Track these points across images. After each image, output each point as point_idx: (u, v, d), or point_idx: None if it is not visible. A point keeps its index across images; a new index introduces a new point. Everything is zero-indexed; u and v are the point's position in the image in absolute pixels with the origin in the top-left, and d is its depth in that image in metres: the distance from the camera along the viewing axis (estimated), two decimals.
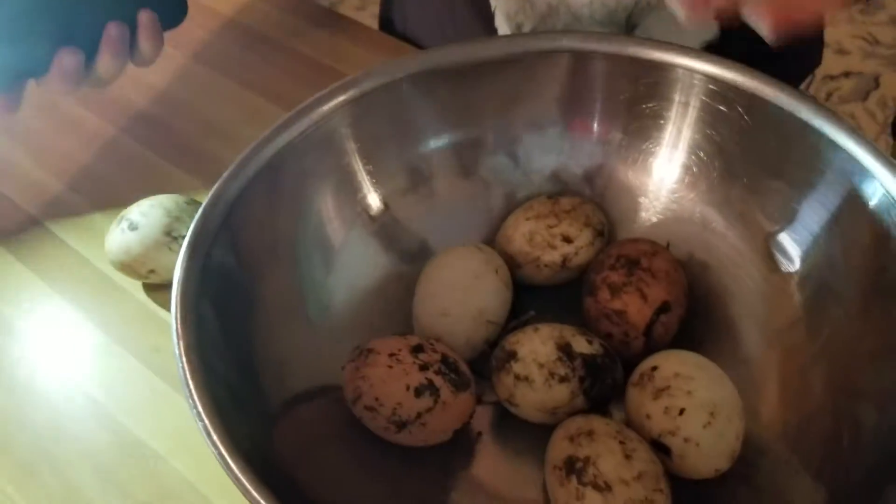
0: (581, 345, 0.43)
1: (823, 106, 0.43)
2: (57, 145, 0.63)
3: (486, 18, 0.62)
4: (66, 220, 0.58)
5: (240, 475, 0.35)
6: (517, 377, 0.42)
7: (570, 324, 0.44)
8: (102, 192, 0.59)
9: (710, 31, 0.58)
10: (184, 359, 0.38)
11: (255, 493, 0.34)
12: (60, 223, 0.58)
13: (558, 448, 0.41)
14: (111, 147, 0.63)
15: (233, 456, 0.35)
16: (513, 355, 0.43)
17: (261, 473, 0.35)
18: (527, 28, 0.59)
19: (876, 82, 1.80)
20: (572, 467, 0.39)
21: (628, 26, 0.59)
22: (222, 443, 0.35)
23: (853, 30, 1.85)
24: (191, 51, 0.69)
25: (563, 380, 0.42)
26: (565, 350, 0.43)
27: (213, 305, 0.41)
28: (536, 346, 0.43)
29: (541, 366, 0.42)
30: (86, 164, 0.62)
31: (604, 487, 0.38)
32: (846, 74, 1.80)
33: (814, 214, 0.44)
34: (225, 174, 0.43)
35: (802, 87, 0.71)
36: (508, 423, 0.45)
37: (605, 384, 0.43)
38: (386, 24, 0.74)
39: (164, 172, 0.60)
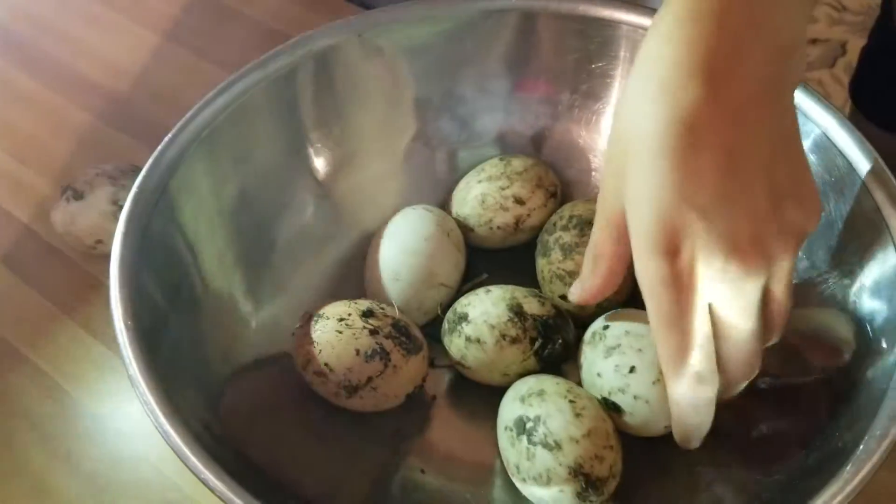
0: (533, 306, 0.43)
1: None
2: (3, 117, 0.62)
3: None
4: (10, 191, 0.57)
5: (189, 454, 0.34)
6: (468, 339, 0.42)
7: (524, 286, 0.44)
8: (47, 162, 0.58)
9: None
10: (124, 333, 0.37)
11: (208, 473, 0.34)
12: (5, 194, 0.57)
13: (509, 409, 0.41)
14: (57, 116, 0.61)
15: (181, 434, 0.34)
16: (464, 317, 0.43)
17: (211, 450, 0.34)
18: None
19: (843, 49, 1.81)
20: (523, 427, 0.39)
21: None
22: (169, 422, 0.35)
23: None
24: (141, 19, 0.68)
25: (514, 341, 0.42)
26: (517, 311, 0.42)
27: (155, 275, 0.40)
28: (488, 307, 0.42)
29: (492, 327, 0.42)
30: (30, 133, 0.61)
31: (553, 446, 0.38)
32: (813, 41, 1.80)
33: None
34: (165, 138, 0.42)
35: None
36: (462, 387, 0.45)
37: (556, 345, 0.42)
38: None
39: (109, 141, 0.59)
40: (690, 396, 0.36)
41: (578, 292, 0.39)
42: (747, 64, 0.32)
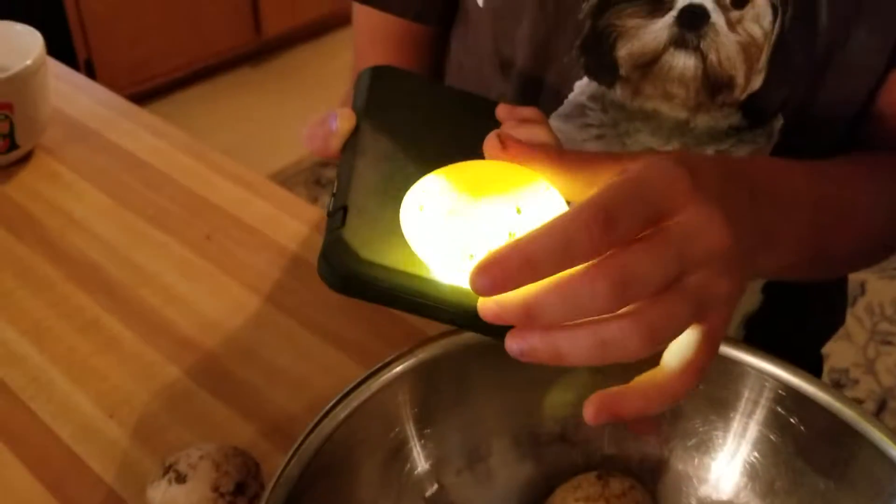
0: None
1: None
2: (94, 364, 0.63)
3: None
4: (101, 452, 0.57)
5: None
6: None
7: None
8: (141, 424, 0.59)
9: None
10: None
11: None
12: (92, 450, 0.57)
13: None
14: (147, 368, 0.63)
15: None
16: None
17: None
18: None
19: (862, 288, 1.87)
20: None
21: None
22: None
23: None
24: (247, 281, 0.70)
25: None
26: None
27: None
28: None
29: None
30: (117, 383, 0.62)
31: None
32: None
33: None
34: (285, 461, 0.43)
35: None
36: None
37: None
38: None
39: (207, 410, 0.60)
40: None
41: None
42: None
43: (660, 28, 0.55)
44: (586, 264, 0.34)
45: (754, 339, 0.66)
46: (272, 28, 2.62)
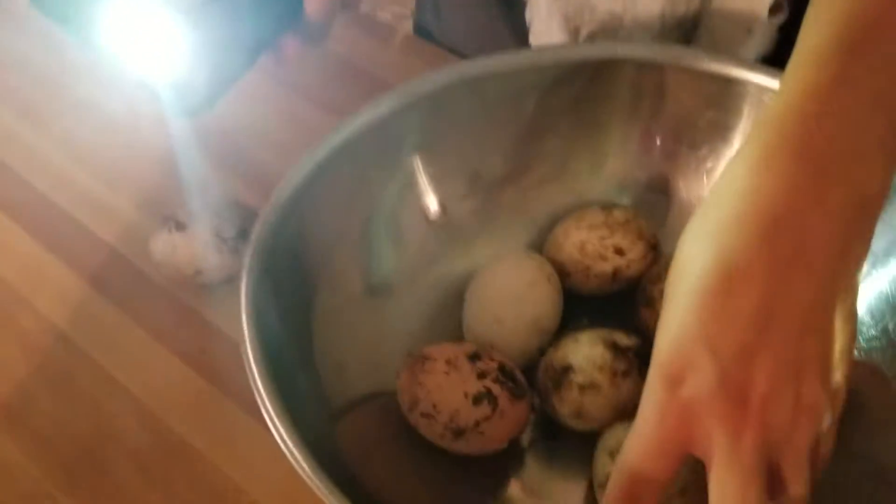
0: (623, 339, 0.43)
1: None
2: (93, 144, 0.63)
3: (521, 34, 0.62)
4: (105, 219, 0.57)
5: (308, 470, 0.35)
6: (582, 387, 0.42)
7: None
8: (144, 194, 0.59)
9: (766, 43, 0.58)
10: (251, 353, 0.37)
11: (325, 490, 0.34)
12: (100, 222, 0.57)
13: (601, 464, 0.41)
14: (151, 148, 0.62)
15: (301, 450, 0.35)
16: (569, 368, 0.43)
17: (327, 470, 0.35)
18: (584, 33, 0.59)
19: None
20: None
21: (685, 39, 0.59)
22: (289, 436, 0.35)
23: None
24: None
25: (626, 374, 0.42)
26: (614, 346, 0.43)
27: (277, 307, 0.40)
28: (586, 351, 0.43)
29: (601, 368, 0.42)
30: (117, 157, 0.61)
31: None
32: None
33: None
34: (295, 167, 0.43)
35: None
36: (552, 436, 0.45)
37: None
38: (420, 31, 0.74)
39: (207, 177, 0.59)
40: None
41: None
42: (810, 218, 0.32)
43: None
44: None
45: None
46: None
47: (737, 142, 0.47)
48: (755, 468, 0.31)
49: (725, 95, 0.47)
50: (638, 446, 0.33)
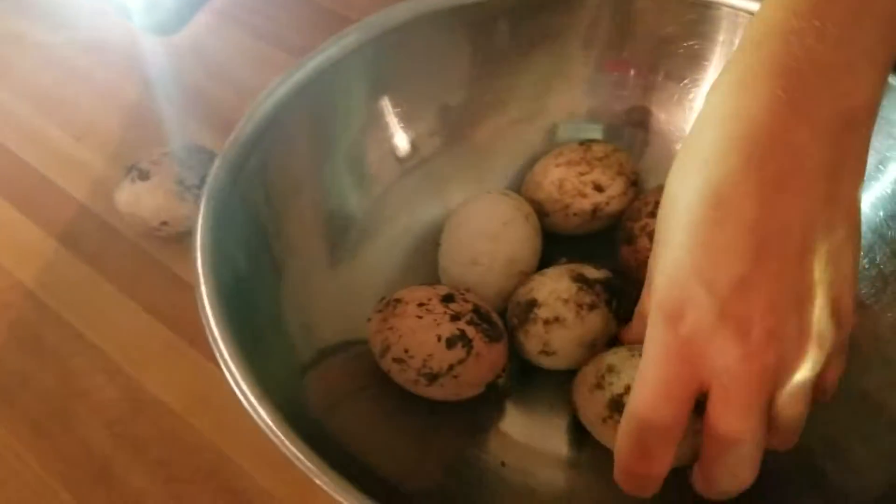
0: (592, 272, 0.42)
1: None
2: (60, 95, 0.61)
3: None
4: (64, 168, 0.56)
5: (273, 426, 0.33)
6: (546, 322, 0.41)
7: None
8: (108, 144, 0.57)
9: None
10: (208, 307, 0.36)
11: (291, 447, 0.32)
12: (64, 175, 0.56)
13: (587, 402, 0.40)
14: (116, 97, 0.60)
15: (264, 406, 0.33)
16: (533, 303, 0.41)
17: (293, 426, 0.33)
18: None
19: None
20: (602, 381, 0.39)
21: None
22: (252, 392, 0.33)
23: None
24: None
25: (592, 307, 0.41)
26: (582, 280, 0.41)
27: (238, 252, 0.39)
28: (553, 285, 0.41)
29: (566, 301, 0.41)
30: (85, 109, 0.59)
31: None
32: None
33: None
34: (256, 102, 0.41)
35: None
36: (531, 379, 0.44)
37: (629, 299, 0.41)
38: None
39: (172, 123, 0.58)
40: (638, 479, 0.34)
41: None
42: (797, 136, 0.30)
43: None
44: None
45: None
46: None
47: (711, 67, 0.45)
48: (755, 402, 0.31)
49: (703, 22, 0.45)
50: (645, 390, 0.32)
